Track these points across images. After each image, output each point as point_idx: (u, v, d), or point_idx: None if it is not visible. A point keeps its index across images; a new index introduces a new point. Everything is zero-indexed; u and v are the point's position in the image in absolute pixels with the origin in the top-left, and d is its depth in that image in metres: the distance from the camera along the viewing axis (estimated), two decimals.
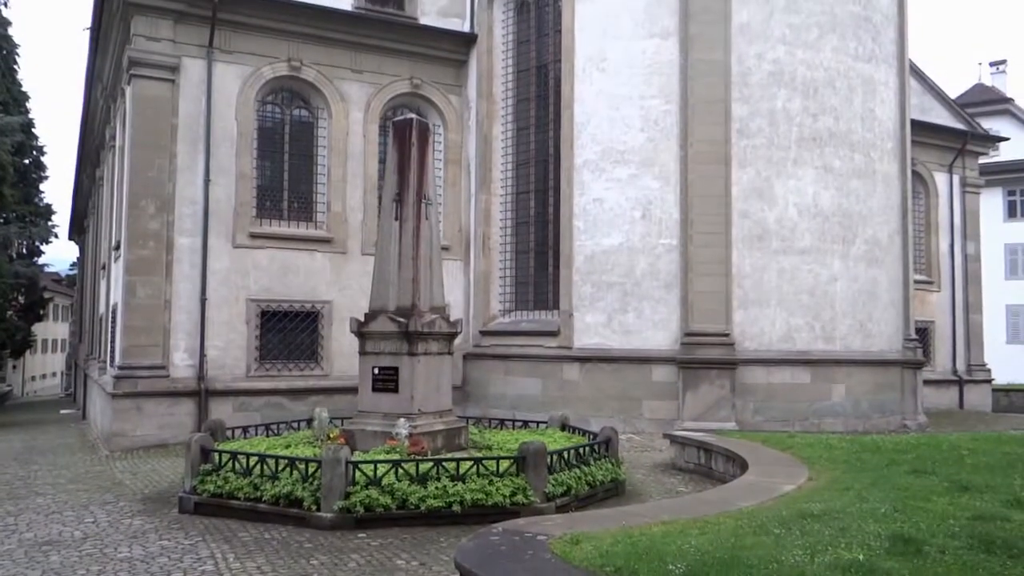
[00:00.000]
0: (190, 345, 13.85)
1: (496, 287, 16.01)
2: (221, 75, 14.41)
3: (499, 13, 16.41)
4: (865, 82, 15.21)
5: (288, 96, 15.43)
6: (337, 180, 15.31)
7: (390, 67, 15.94)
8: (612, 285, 14.19)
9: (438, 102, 16.44)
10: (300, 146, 15.45)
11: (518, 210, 16.06)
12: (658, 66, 14.22)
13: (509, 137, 16.19)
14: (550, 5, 15.89)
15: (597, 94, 14.58)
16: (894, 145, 15.90)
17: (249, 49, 14.68)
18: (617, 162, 14.33)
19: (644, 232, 14.09)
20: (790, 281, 14.14)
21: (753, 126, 14.12)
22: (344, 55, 15.48)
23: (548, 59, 15.84)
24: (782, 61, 14.34)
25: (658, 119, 14.17)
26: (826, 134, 14.59)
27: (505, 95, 16.30)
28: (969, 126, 23.04)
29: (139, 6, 13.85)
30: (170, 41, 14.04)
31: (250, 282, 14.44)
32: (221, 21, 14.27)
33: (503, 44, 16.36)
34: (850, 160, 14.84)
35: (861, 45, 15.17)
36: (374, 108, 15.74)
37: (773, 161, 14.18)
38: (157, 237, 13.75)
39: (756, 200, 14.04)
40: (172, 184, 13.92)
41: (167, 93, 14.00)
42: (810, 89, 14.50)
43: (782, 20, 14.37)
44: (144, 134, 13.89)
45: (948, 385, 21.99)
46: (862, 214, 14.96)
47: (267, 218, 14.89)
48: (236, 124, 14.49)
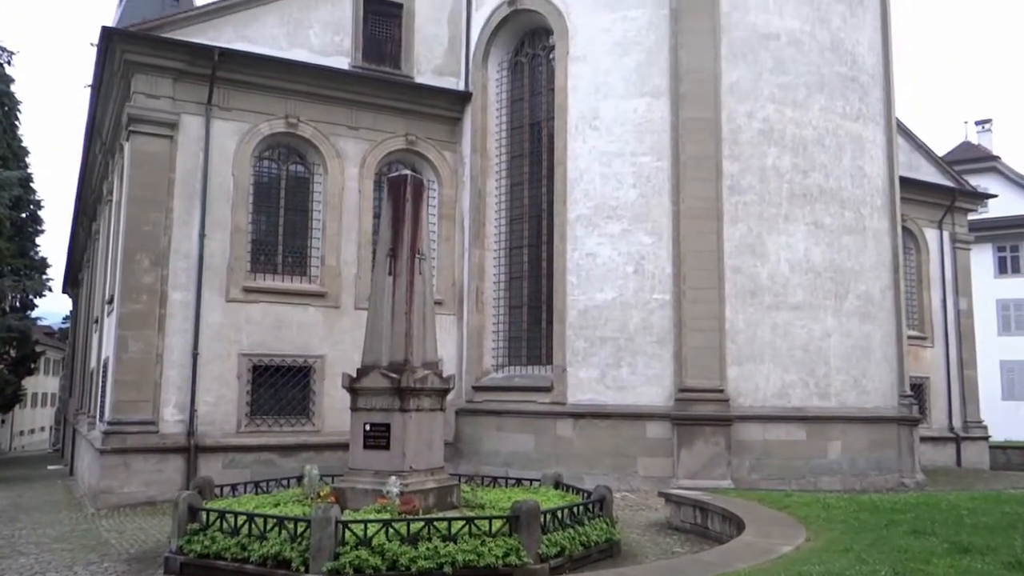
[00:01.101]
0: (180, 400, 13.73)
1: (489, 342, 15.97)
2: (219, 131, 14.57)
3: (493, 72, 16.70)
4: (853, 140, 15.44)
5: (285, 152, 15.59)
6: (332, 234, 15.38)
7: (386, 124, 16.15)
8: (605, 340, 14.18)
9: (433, 158, 16.62)
10: (296, 201, 15.56)
11: (511, 265, 16.12)
12: (650, 124, 14.43)
13: (503, 192, 16.34)
14: (543, 64, 16.19)
15: (590, 151, 14.77)
16: (884, 202, 16.08)
17: (247, 106, 14.88)
18: (610, 217, 14.45)
19: (637, 287, 14.13)
20: (783, 337, 14.14)
21: (744, 183, 14.28)
22: (341, 112, 15.69)
23: (541, 116, 16.08)
24: (772, 119, 14.57)
25: (650, 176, 14.32)
26: (816, 191, 14.76)
27: (499, 151, 16.50)
28: (957, 183, 23.33)
29: (140, 65, 14.07)
30: (169, 98, 14.23)
31: (243, 336, 14.38)
32: (220, 79, 14.49)
33: (497, 102, 16.62)
34: (840, 216, 14.98)
35: (849, 104, 15.45)
36: (369, 164, 15.90)
37: (764, 217, 14.30)
38: (151, 291, 13.73)
39: (748, 256, 14.12)
40: (167, 238, 13.96)
41: (165, 149, 14.13)
42: (800, 147, 14.71)
43: (771, 80, 14.65)
44: (141, 189, 13.98)
45: (945, 442, 21.84)
46: (854, 270, 15.04)
47: (261, 272, 14.91)
48: (233, 179, 14.60)
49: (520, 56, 16.63)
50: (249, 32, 15.06)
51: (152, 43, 14.13)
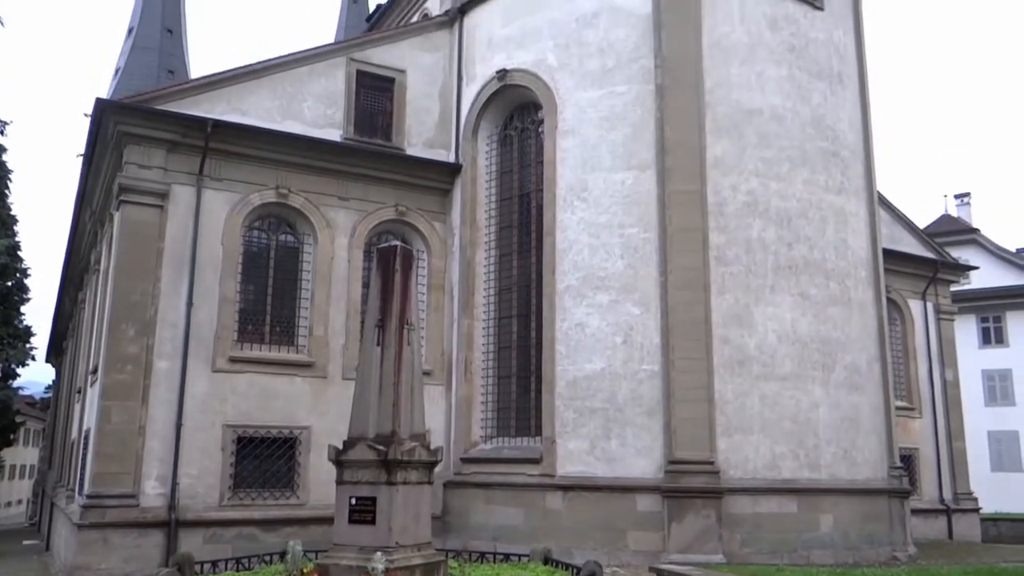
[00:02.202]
0: (162, 473, 13.47)
1: (478, 413, 15.84)
2: (210, 201, 14.67)
3: (483, 145, 16.99)
4: (836, 213, 15.71)
5: (275, 222, 15.68)
6: (320, 304, 15.37)
7: (376, 195, 16.31)
8: (595, 411, 14.10)
9: (422, 228, 16.76)
10: (285, 270, 15.58)
11: (500, 335, 16.11)
12: (637, 196, 14.65)
13: (492, 263, 16.44)
14: (532, 138, 16.50)
15: (578, 222, 14.94)
16: (868, 273, 16.27)
17: (238, 177, 15.02)
18: (598, 288, 14.53)
19: (626, 357, 14.13)
20: (772, 408, 14.11)
21: (730, 254, 14.45)
22: (331, 183, 15.86)
23: (530, 188, 16.30)
24: (756, 192, 14.83)
25: (638, 246, 14.47)
26: (801, 262, 14.94)
27: (488, 222, 16.67)
28: (939, 255, 23.68)
29: (134, 136, 14.23)
30: (161, 169, 14.35)
31: (228, 407, 14.21)
32: (213, 150, 14.66)
33: (487, 174, 16.86)
34: (826, 288, 15.13)
35: (831, 178, 15.77)
36: (359, 234, 16.00)
37: (751, 288, 14.43)
38: (136, 361, 13.61)
39: (736, 326, 14.19)
40: (154, 308, 13.90)
41: (155, 218, 14.19)
42: (784, 219, 14.94)
43: (754, 154, 14.96)
44: (129, 258, 13.99)
45: (936, 515, 21.63)
46: (840, 341, 15.12)
47: (248, 342, 14.82)
48: (222, 249, 14.64)
49: (509, 129, 16.95)
50: (243, 105, 15.31)
51: (146, 115, 14.33)
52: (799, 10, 16.00)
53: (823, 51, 16.23)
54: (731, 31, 15.26)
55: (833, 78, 16.30)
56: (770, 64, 15.40)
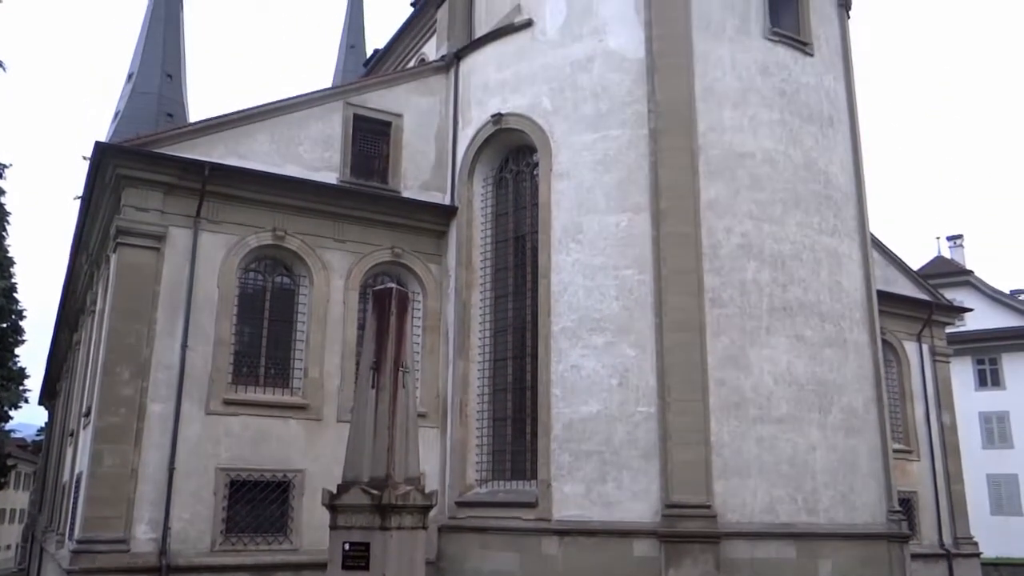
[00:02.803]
0: (154, 517, 13.31)
1: (473, 456, 15.73)
2: (206, 244, 14.72)
3: (479, 187, 17.12)
4: (830, 255, 15.79)
5: (271, 264, 15.72)
6: (315, 346, 15.34)
7: (372, 237, 16.38)
8: (591, 454, 14.00)
9: (418, 270, 16.80)
10: (280, 312, 15.57)
11: (496, 377, 16.06)
12: (631, 238, 14.73)
13: (487, 305, 16.46)
14: (527, 180, 16.63)
15: (573, 264, 15.00)
16: (862, 315, 16.30)
17: (235, 219, 15.09)
18: (594, 330, 14.53)
19: (622, 400, 14.08)
20: (769, 450, 14.03)
21: (725, 296, 14.48)
22: (328, 225, 15.93)
23: (526, 230, 16.39)
24: (750, 234, 14.92)
25: (633, 288, 14.51)
26: (796, 304, 14.97)
27: (484, 264, 16.72)
28: (933, 297, 23.76)
29: (132, 179, 14.33)
30: (159, 211, 14.43)
31: (221, 450, 14.10)
32: (210, 193, 14.75)
33: (482, 216, 16.96)
34: (821, 329, 15.14)
35: (824, 220, 15.87)
36: (355, 276, 16.03)
37: (746, 330, 14.44)
38: (129, 404, 13.53)
39: (732, 368, 14.17)
40: (149, 350, 13.86)
41: (151, 260, 14.22)
42: (778, 261, 15.00)
43: (748, 196, 15.08)
44: (125, 300, 13.99)
45: (936, 559, 21.38)
46: (836, 383, 15.09)
47: (243, 384, 14.75)
48: (218, 291, 14.65)
49: (505, 172, 17.10)
50: (241, 148, 15.44)
51: (144, 158, 14.44)
52: (789, 56, 16.26)
53: (814, 96, 16.46)
54: (723, 76, 15.50)
55: (824, 122, 16.50)
56: (762, 108, 15.60)
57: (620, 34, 15.67)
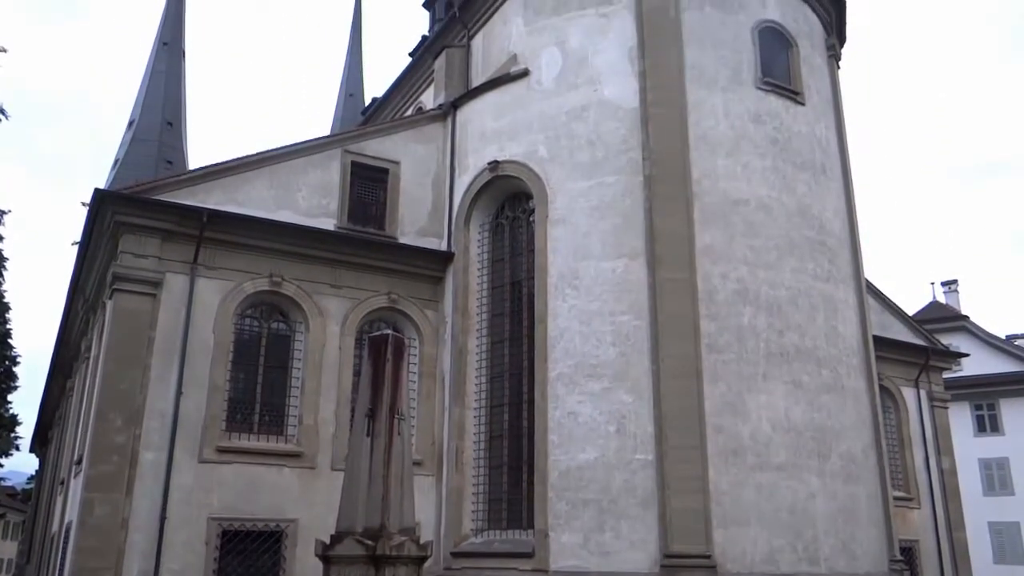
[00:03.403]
0: (144, 567, 13.09)
1: (469, 504, 15.53)
2: (203, 290, 14.73)
3: (475, 233, 17.20)
4: (826, 300, 15.82)
5: (267, 310, 15.71)
6: (311, 392, 15.25)
7: (369, 283, 16.40)
8: (588, 502, 13.85)
9: (414, 316, 16.79)
10: (276, 358, 15.51)
11: (492, 423, 15.95)
12: (627, 284, 14.76)
13: (484, 351, 16.42)
14: (524, 226, 16.72)
15: (570, 309, 15.00)
16: (859, 361, 16.28)
17: (232, 265, 15.12)
18: (591, 376, 14.48)
19: (619, 447, 13.97)
20: (768, 498, 13.88)
21: (722, 341, 14.47)
22: (324, 271, 15.96)
23: (522, 276, 16.42)
24: (745, 280, 14.96)
25: (629, 334, 14.50)
26: (793, 350, 14.95)
27: (480, 310, 16.72)
28: (929, 342, 23.76)
29: (130, 225, 14.39)
30: (156, 258, 14.46)
31: (213, 499, 13.92)
32: (207, 239, 14.81)
33: (479, 262, 17.01)
34: (818, 375, 15.10)
35: (819, 266, 15.94)
36: (351, 322, 16.01)
37: (743, 376, 14.39)
38: (122, 451, 13.39)
39: (729, 415, 14.09)
40: (143, 397, 13.78)
41: (147, 307, 14.21)
42: (774, 307, 15.02)
43: (743, 243, 15.16)
44: (120, 347, 13.94)
45: None
46: (835, 429, 15.00)
47: (237, 431, 14.63)
48: (213, 337, 14.61)
49: (501, 218, 17.20)
50: (239, 195, 15.53)
51: (143, 205, 14.52)
52: (781, 105, 16.49)
53: (806, 144, 16.65)
54: (716, 125, 15.69)
55: (817, 169, 16.67)
56: (755, 156, 15.77)
57: (614, 84, 15.91)
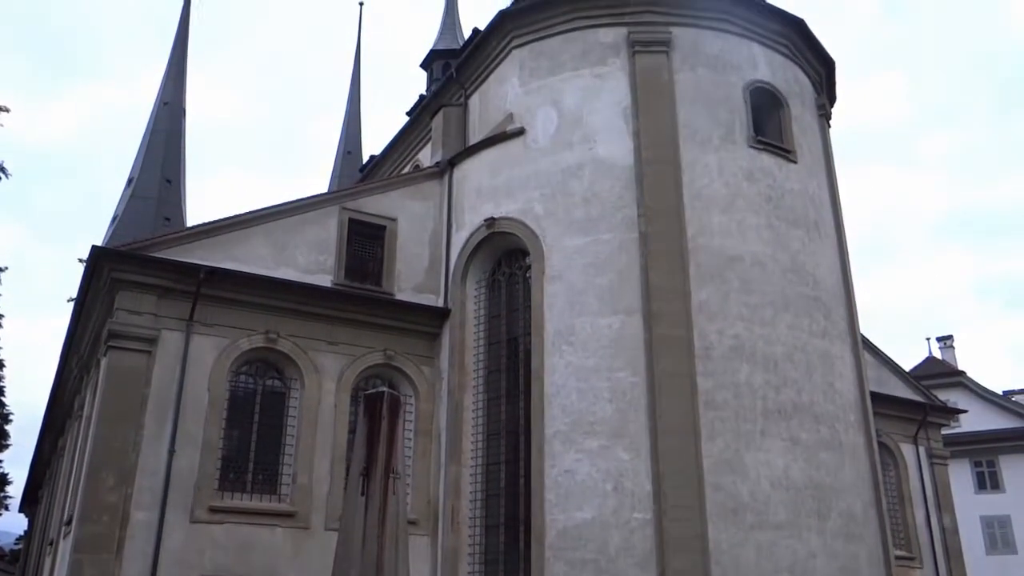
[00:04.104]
0: None
1: (465, 564, 15.26)
2: (198, 346, 14.68)
3: (472, 290, 17.25)
4: (822, 357, 15.82)
5: (263, 366, 15.64)
6: (305, 450, 15.09)
7: (365, 339, 16.37)
8: (586, 563, 13.62)
9: (411, 373, 16.72)
10: (270, 416, 15.39)
11: (488, 482, 15.77)
12: (624, 341, 14.77)
13: (480, 407, 16.33)
14: (520, 283, 16.78)
15: (566, 366, 14.97)
16: (857, 417, 16.21)
17: (228, 322, 15.10)
18: (588, 433, 14.38)
19: (616, 506, 13.80)
20: (769, 558, 13.68)
21: (719, 398, 14.42)
22: (320, 328, 15.94)
23: (519, 332, 16.42)
24: (742, 337, 14.97)
25: (626, 391, 14.45)
26: (790, 406, 14.89)
27: (477, 366, 16.67)
28: (927, 398, 23.68)
29: (126, 282, 14.41)
30: (152, 315, 14.45)
31: (204, 560, 13.66)
32: (204, 296, 14.81)
33: (475, 318, 17.03)
34: (816, 432, 15.02)
35: (814, 322, 15.97)
36: (347, 378, 15.94)
37: (741, 433, 14.31)
38: (112, 511, 13.19)
39: (728, 472, 13.97)
40: (135, 455, 13.62)
41: (142, 363, 14.15)
42: (770, 363, 15.01)
43: (738, 299, 15.22)
44: (113, 405, 13.83)
45: None
46: (834, 487, 14.86)
47: (229, 491, 14.43)
48: (208, 394, 14.52)
49: (498, 275, 17.27)
50: (236, 252, 15.58)
51: (140, 262, 14.56)
52: (774, 163, 16.73)
53: (799, 201, 16.85)
54: (710, 183, 15.89)
55: (810, 226, 16.83)
56: (749, 213, 15.94)
57: (609, 142, 16.16)
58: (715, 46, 17.05)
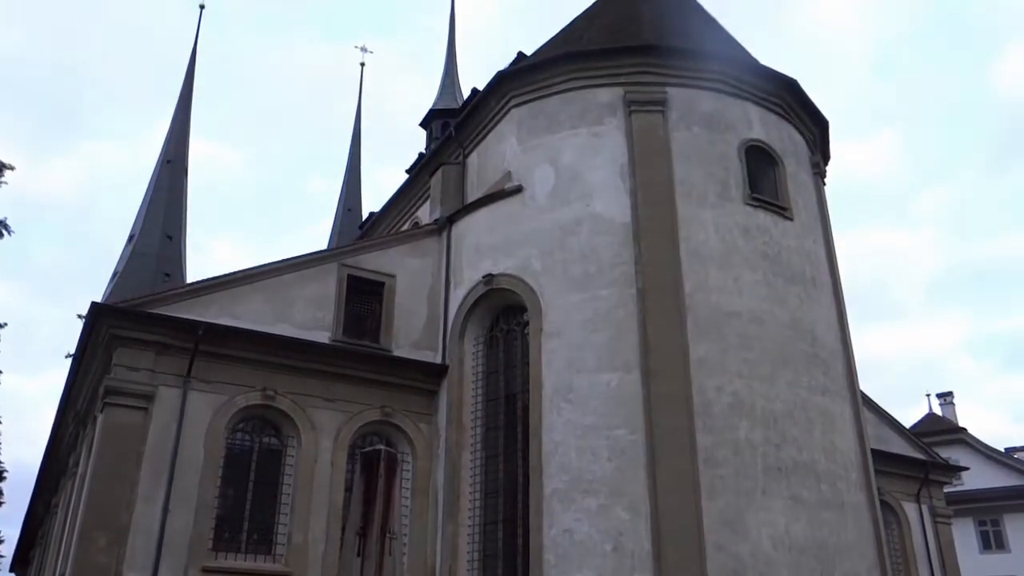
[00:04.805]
0: None
1: None
2: (195, 403, 14.62)
3: (470, 346, 17.24)
4: (822, 414, 15.73)
5: (259, 424, 15.55)
6: (301, 509, 14.91)
7: (362, 396, 16.30)
8: None
9: (408, 430, 16.61)
10: (266, 474, 15.25)
11: (486, 542, 15.53)
12: (622, 397, 14.71)
13: (478, 465, 16.17)
14: (518, 339, 16.77)
15: (565, 423, 14.88)
16: (859, 476, 16.05)
17: (225, 379, 15.06)
18: (587, 492, 14.22)
19: (616, 566, 13.57)
20: None
21: (719, 456, 14.30)
22: (318, 384, 15.89)
23: (517, 389, 16.35)
24: (741, 393, 14.91)
25: (625, 448, 14.33)
26: (791, 464, 14.76)
27: (474, 423, 16.56)
28: (928, 456, 23.47)
29: (124, 338, 14.42)
30: (149, 371, 14.43)
31: None
32: (202, 352, 14.81)
33: (473, 375, 16.97)
34: (817, 491, 14.85)
35: (813, 379, 15.92)
36: (344, 436, 15.82)
37: (742, 492, 14.15)
38: (104, 572, 12.97)
39: (729, 532, 13.77)
40: (129, 514, 13.45)
41: (138, 421, 14.07)
42: (770, 420, 14.92)
43: (737, 355, 15.20)
44: (108, 463, 13.72)
45: None
46: (837, 547, 14.64)
47: (224, 551, 14.22)
48: (203, 452, 14.41)
49: (496, 331, 17.27)
50: (235, 308, 15.62)
51: (139, 318, 14.61)
52: (770, 220, 16.88)
53: (796, 257, 16.95)
54: (707, 239, 16.01)
55: (807, 283, 16.90)
56: (746, 269, 16.02)
57: (606, 199, 16.33)
58: (710, 105, 17.36)
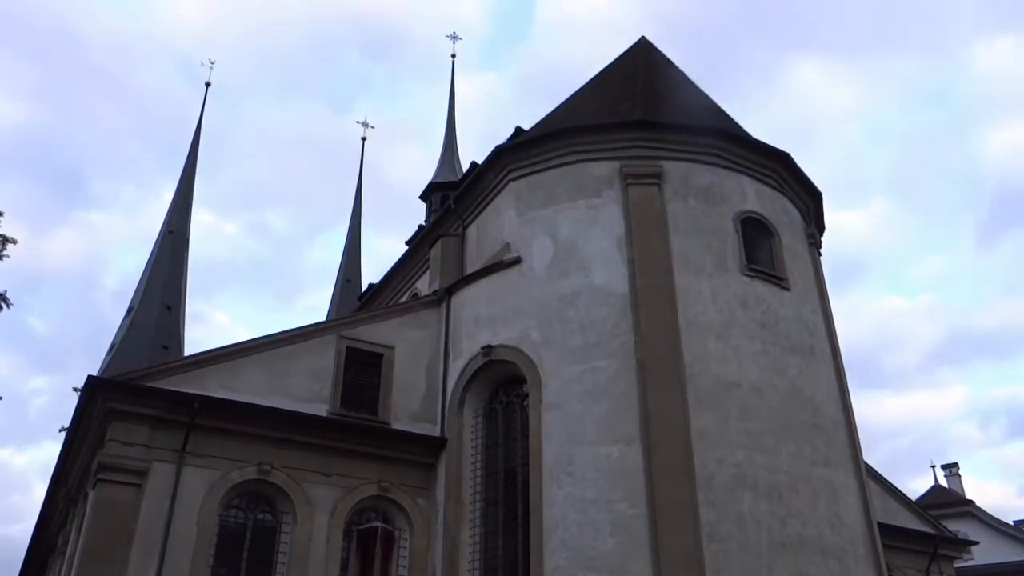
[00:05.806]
0: None
1: None
2: (189, 479, 14.38)
3: (469, 419, 17.06)
4: (826, 486, 15.48)
5: (254, 500, 15.26)
6: None
7: (359, 470, 16.05)
8: None
9: (406, 505, 16.30)
10: (260, 552, 14.88)
11: None
12: (623, 470, 14.49)
13: (477, 542, 15.81)
14: (517, 411, 16.61)
15: (565, 498, 14.62)
16: (865, 550, 15.70)
17: (220, 453, 14.85)
18: (588, 569, 13.88)
19: None
20: None
21: (723, 530, 14.01)
22: (315, 458, 15.65)
23: (516, 462, 16.12)
24: (743, 465, 14.70)
25: (627, 524, 14.05)
26: (796, 539, 14.45)
27: (473, 498, 16.27)
28: (936, 529, 23.01)
29: (119, 412, 14.27)
30: (144, 446, 14.24)
31: None
32: (197, 426, 14.65)
33: (472, 448, 16.74)
34: (824, 567, 14.50)
35: (816, 450, 15.72)
36: (340, 512, 15.50)
37: (748, 568, 13.81)
38: None
39: None
40: None
41: (131, 498, 13.81)
42: (774, 493, 14.67)
43: (738, 426, 15.04)
44: (98, 542, 13.42)
45: None
46: None
47: None
48: (196, 529, 14.10)
49: (495, 403, 17.12)
50: (233, 381, 15.50)
51: (135, 392, 14.48)
52: (767, 290, 16.93)
53: (794, 327, 16.93)
54: (705, 310, 16.03)
55: (806, 352, 16.84)
56: (744, 339, 15.98)
57: (605, 271, 16.41)
58: (705, 178, 17.60)
